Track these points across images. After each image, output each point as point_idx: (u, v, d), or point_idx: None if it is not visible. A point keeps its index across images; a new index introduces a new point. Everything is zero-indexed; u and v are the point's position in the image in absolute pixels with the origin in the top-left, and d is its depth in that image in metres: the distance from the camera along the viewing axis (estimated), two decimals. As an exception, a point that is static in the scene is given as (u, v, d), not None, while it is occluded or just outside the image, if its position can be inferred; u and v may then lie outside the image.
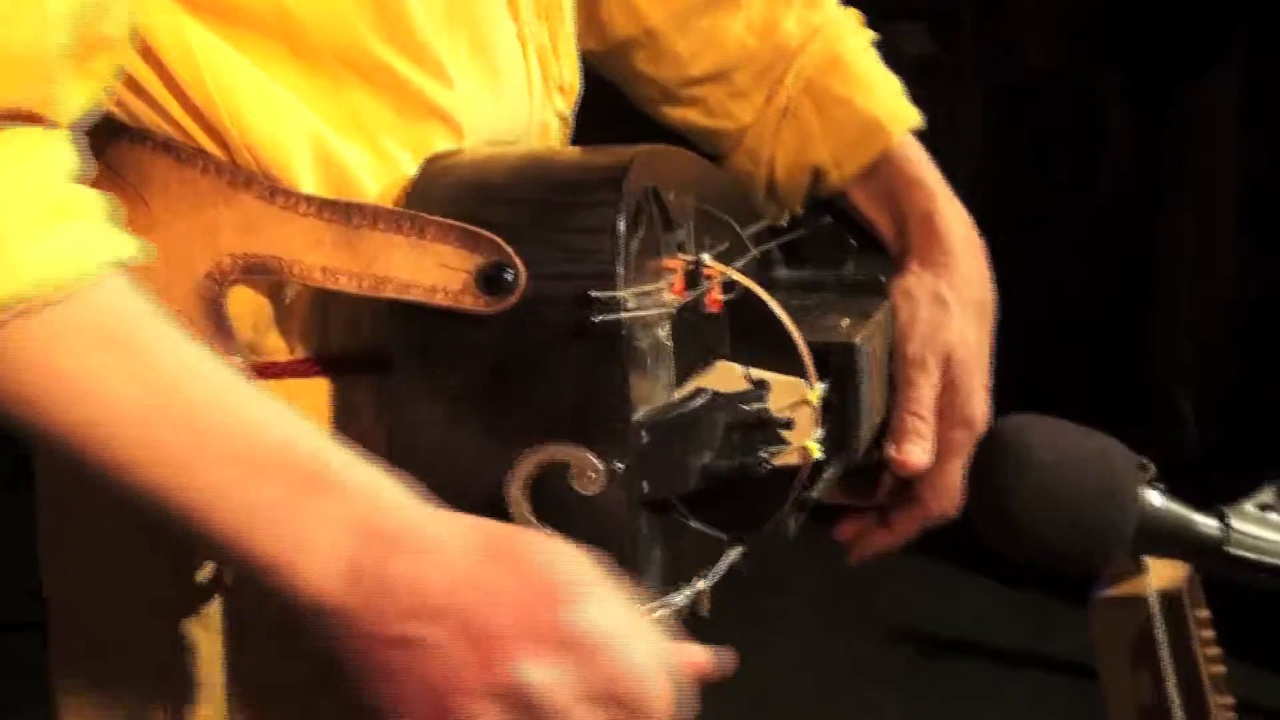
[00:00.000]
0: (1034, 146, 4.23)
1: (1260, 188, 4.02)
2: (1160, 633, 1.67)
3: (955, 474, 1.22)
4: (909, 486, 1.26)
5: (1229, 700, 1.76)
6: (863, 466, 1.26)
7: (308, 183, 1.01)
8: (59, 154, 0.87)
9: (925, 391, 1.23)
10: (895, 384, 1.24)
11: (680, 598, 1.04)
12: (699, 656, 0.93)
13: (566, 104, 1.19)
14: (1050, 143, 4.24)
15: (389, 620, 0.86)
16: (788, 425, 1.06)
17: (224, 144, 1.01)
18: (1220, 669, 1.75)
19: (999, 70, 4.39)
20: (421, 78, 1.05)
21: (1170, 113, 4.15)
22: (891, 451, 1.22)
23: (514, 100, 1.12)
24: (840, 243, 1.29)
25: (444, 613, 0.86)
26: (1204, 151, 4.15)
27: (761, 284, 1.12)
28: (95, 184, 1.01)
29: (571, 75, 1.19)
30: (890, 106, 1.29)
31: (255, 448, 0.87)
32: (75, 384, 0.85)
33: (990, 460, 0.96)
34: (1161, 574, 1.71)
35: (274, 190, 1.00)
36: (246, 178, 1.00)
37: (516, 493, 0.96)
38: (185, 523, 0.87)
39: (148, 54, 1.00)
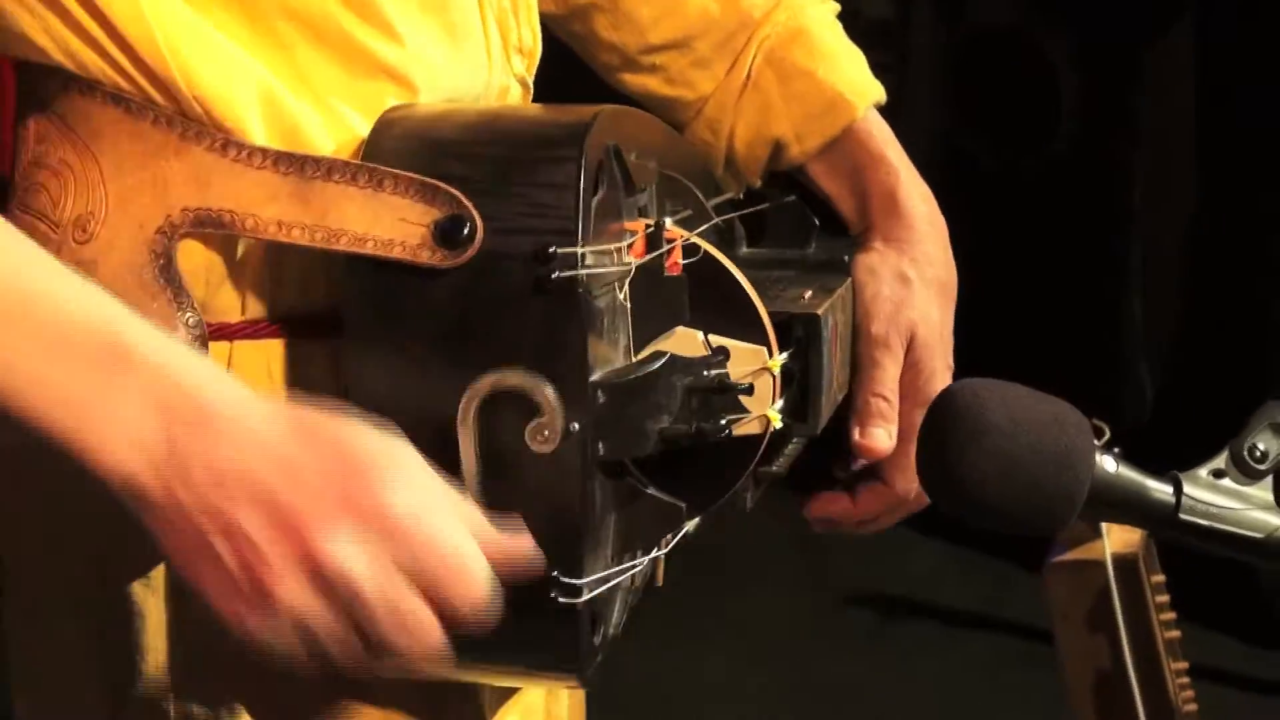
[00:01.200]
0: (989, 108, 4.22)
1: (1215, 147, 4.03)
2: (1117, 597, 1.68)
3: None
4: (876, 468, 1.25)
5: (1183, 665, 1.77)
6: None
7: (258, 138, 1.00)
8: None
9: (890, 372, 1.22)
10: (858, 365, 1.23)
11: (637, 566, 1.03)
12: (513, 543, 0.93)
13: (526, 67, 1.17)
14: (1007, 105, 4.23)
15: (193, 503, 0.87)
16: (748, 391, 1.05)
17: (174, 99, 0.99)
18: (1175, 634, 1.76)
19: (954, 32, 4.38)
20: (369, 35, 1.03)
21: (1123, 74, 4.14)
22: (855, 436, 1.21)
23: (472, 62, 1.10)
24: (803, 221, 1.28)
25: (248, 493, 0.87)
26: (1160, 110, 4.16)
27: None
28: (47, 138, 1.01)
29: (532, 38, 1.18)
30: (854, 80, 1.27)
31: (52, 322, 0.87)
32: None
33: (943, 425, 0.95)
34: (1117, 539, 1.72)
35: (226, 143, 0.99)
36: (198, 130, 0.99)
37: (469, 414, 0.95)
38: None
39: (94, 9, 0.98)
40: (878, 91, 1.28)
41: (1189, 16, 4.04)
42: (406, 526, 0.88)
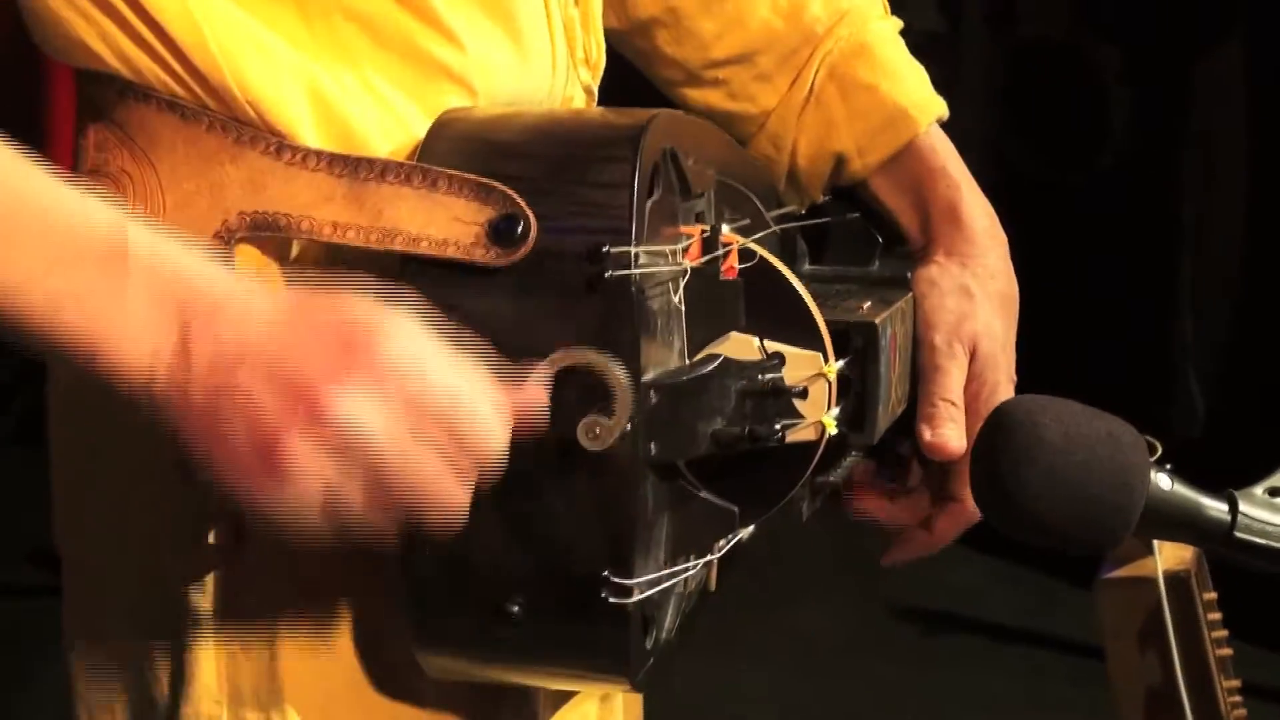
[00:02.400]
0: (1039, 121, 4.21)
1: (1267, 159, 4.00)
2: (1168, 615, 1.66)
3: None
4: (945, 487, 1.24)
5: (1235, 683, 1.76)
6: (891, 457, 1.24)
7: (310, 140, 1.01)
8: None
9: (955, 377, 1.22)
10: (922, 374, 1.22)
11: (690, 569, 1.02)
12: (520, 392, 0.93)
13: (592, 78, 1.18)
14: (1056, 117, 4.22)
15: (203, 384, 0.88)
16: (802, 395, 1.05)
17: (226, 103, 1.00)
18: (1227, 651, 1.74)
19: (1004, 44, 4.36)
20: (430, 39, 1.04)
21: (1174, 89, 4.12)
22: (926, 435, 1.21)
23: (537, 69, 1.10)
24: (866, 239, 1.28)
25: (252, 361, 0.88)
26: (1207, 128, 4.14)
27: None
28: (106, 146, 1.02)
29: (597, 50, 1.18)
30: (917, 95, 1.27)
31: (54, 229, 0.88)
32: None
33: (997, 441, 0.95)
34: (1169, 556, 1.71)
35: (281, 146, 1.00)
36: (252, 134, 1.00)
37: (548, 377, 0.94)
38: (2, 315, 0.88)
39: (146, 15, 0.99)
40: (940, 107, 1.27)
41: (1240, 28, 4.02)
42: (410, 376, 0.88)
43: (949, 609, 3.77)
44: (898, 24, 1.31)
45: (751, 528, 1.08)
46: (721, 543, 1.06)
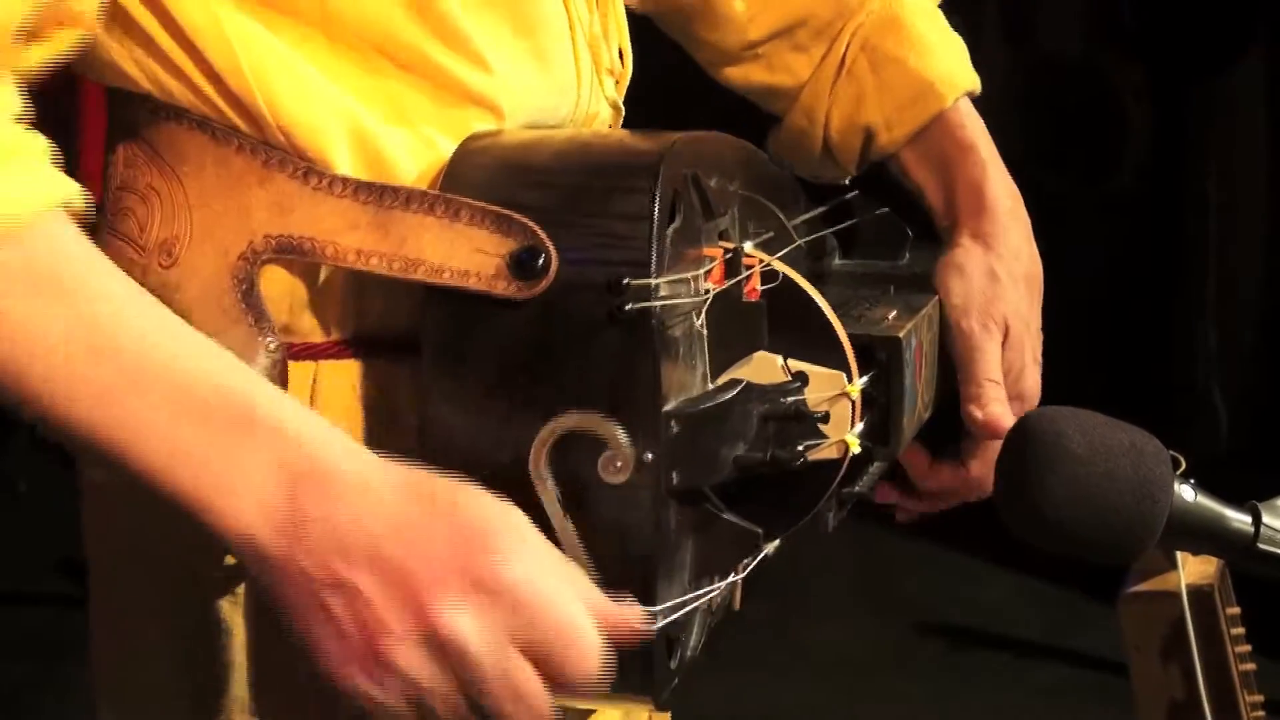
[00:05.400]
0: (1058, 136, 4.20)
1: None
2: (1191, 629, 1.66)
3: None
4: (958, 448, 1.24)
5: (1258, 698, 1.75)
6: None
7: (343, 166, 1.01)
8: (2, 96, 0.87)
9: (993, 356, 1.22)
10: (961, 359, 1.22)
11: (712, 592, 1.03)
12: (629, 615, 0.92)
13: (617, 89, 1.18)
14: (1075, 132, 4.22)
15: (313, 564, 0.87)
16: (824, 419, 1.05)
17: (258, 127, 1.01)
18: (1250, 666, 1.74)
19: (1021, 59, 4.36)
20: (457, 64, 1.04)
21: (1194, 103, 4.12)
22: (977, 415, 1.21)
23: (561, 85, 1.11)
24: (896, 232, 1.28)
25: (368, 557, 0.87)
26: (1228, 141, 4.13)
27: (811, 274, 1.10)
28: (134, 163, 1.03)
29: (622, 61, 1.18)
30: (946, 69, 1.26)
31: (182, 386, 0.88)
32: (10, 324, 0.85)
33: (1021, 451, 0.95)
34: (1192, 570, 1.71)
35: (309, 171, 1.00)
36: (281, 158, 1.00)
37: (540, 462, 0.95)
38: (117, 460, 0.88)
39: (182, 38, 1.00)
40: (970, 82, 1.27)
41: (1260, 40, 4.02)
42: (521, 596, 0.88)
43: (973, 625, 3.76)
44: None
45: (776, 543, 1.08)
46: (745, 563, 1.06)
